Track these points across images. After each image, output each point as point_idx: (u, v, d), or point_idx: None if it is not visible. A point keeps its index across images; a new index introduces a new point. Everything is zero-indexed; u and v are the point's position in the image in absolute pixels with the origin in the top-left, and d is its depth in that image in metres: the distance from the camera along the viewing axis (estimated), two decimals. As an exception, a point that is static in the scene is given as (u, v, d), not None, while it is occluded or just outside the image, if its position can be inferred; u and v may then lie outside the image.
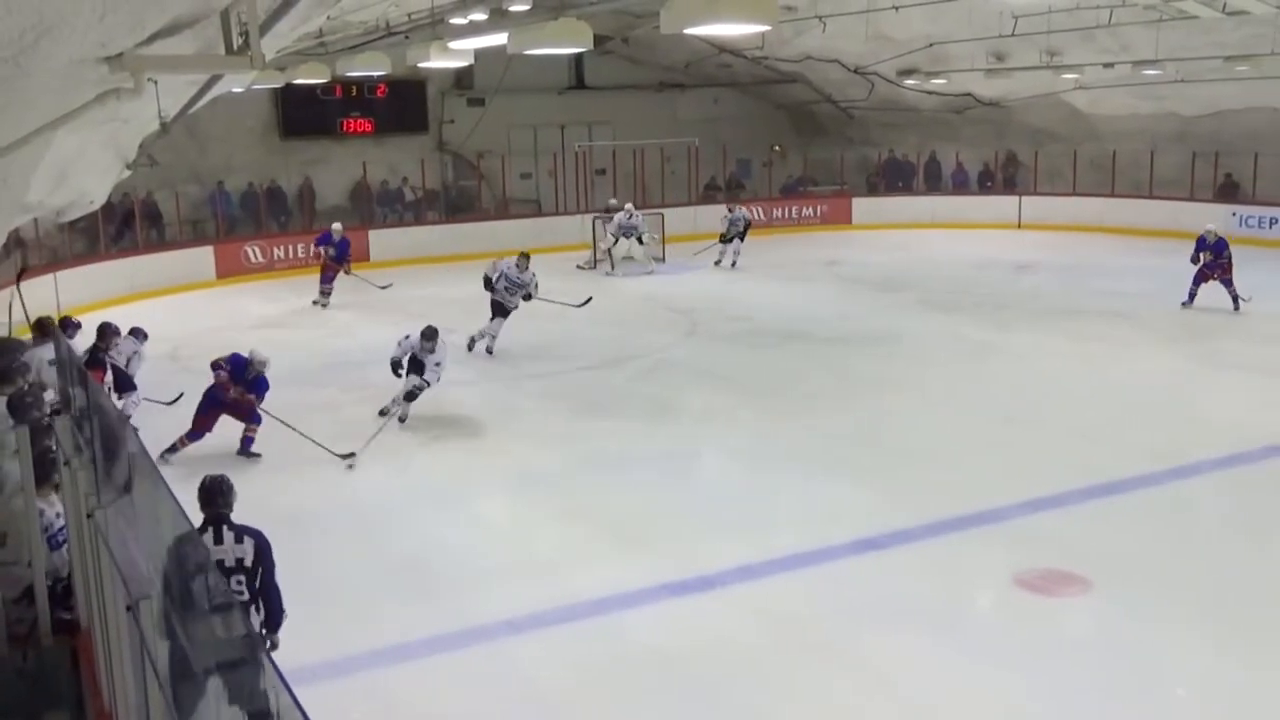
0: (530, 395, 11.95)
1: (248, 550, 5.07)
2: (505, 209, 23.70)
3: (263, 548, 5.12)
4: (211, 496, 5.13)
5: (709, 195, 24.56)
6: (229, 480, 5.22)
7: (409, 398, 10.36)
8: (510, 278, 13.14)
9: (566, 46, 9.43)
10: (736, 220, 19.72)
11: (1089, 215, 22.75)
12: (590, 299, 14.31)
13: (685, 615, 6.82)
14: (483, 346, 13.27)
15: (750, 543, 7.77)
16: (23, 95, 4.54)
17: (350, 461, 9.58)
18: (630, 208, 19.49)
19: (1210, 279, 14.99)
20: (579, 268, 19.71)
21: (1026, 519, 8.17)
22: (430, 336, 10.33)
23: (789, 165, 26.96)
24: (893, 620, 6.64)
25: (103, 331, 10.32)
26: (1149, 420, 10.54)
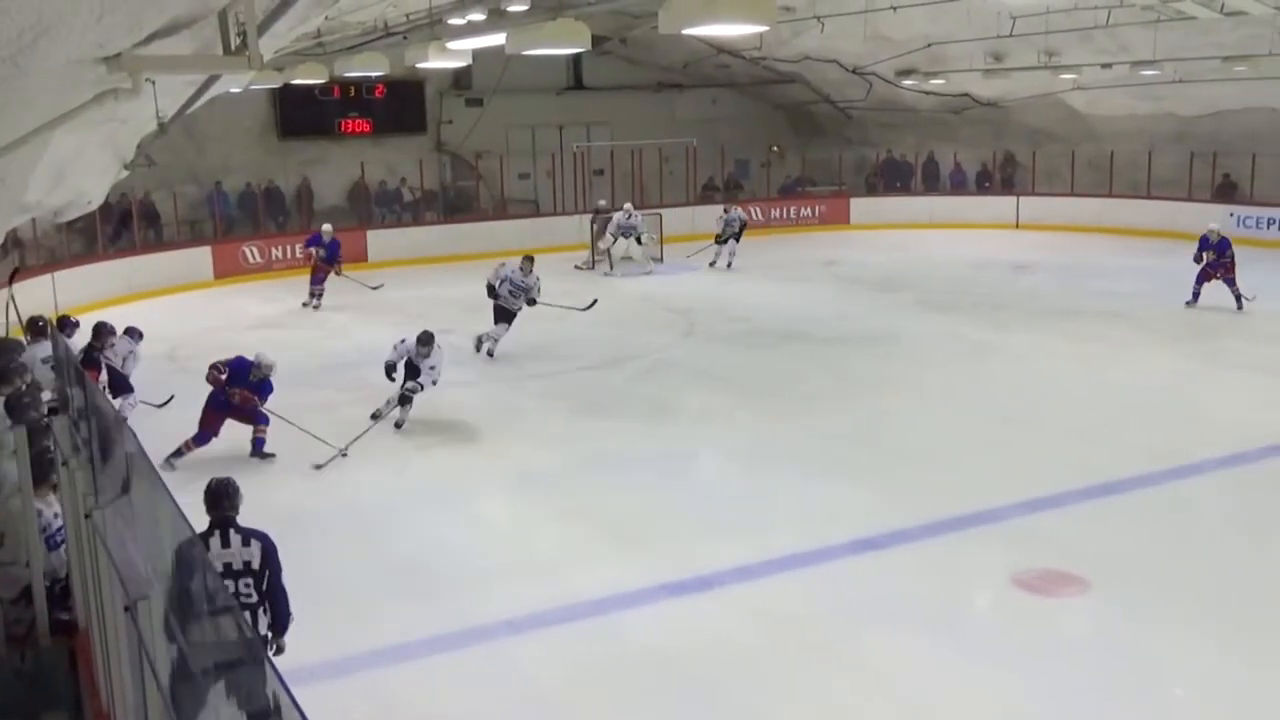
0: (530, 395, 11.95)
1: (255, 553, 5.05)
2: (503, 209, 23.69)
3: (269, 550, 5.10)
4: (218, 499, 5.10)
5: (707, 195, 24.53)
6: (235, 483, 5.20)
7: (403, 401, 10.28)
8: (514, 281, 13.08)
9: (564, 47, 9.45)
10: (732, 221, 19.69)
11: (1087, 215, 22.75)
12: (595, 302, 14.26)
13: (684, 615, 6.83)
14: (495, 347, 13.18)
15: (748, 543, 7.77)
16: (21, 95, 4.54)
17: (344, 450, 9.67)
18: (629, 207, 19.49)
19: (1213, 278, 15.01)
20: (577, 268, 19.71)
21: (1025, 519, 8.17)
22: (426, 341, 10.24)
23: (787, 165, 26.96)
24: (891, 620, 6.64)
25: (98, 331, 10.33)
26: (1147, 420, 10.54)
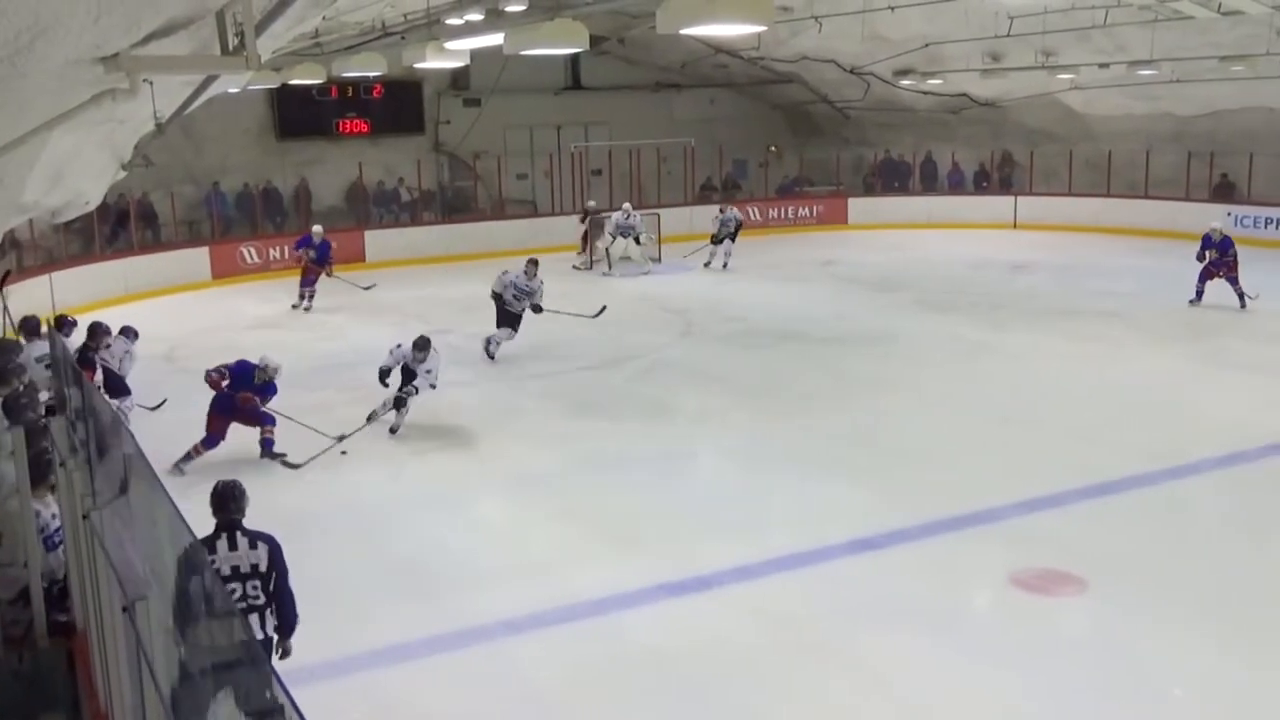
0: (528, 395, 11.94)
1: (262, 555, 5.01)
2: (501, 210, 23.69)
3: (276, 552, 5.05)
4: (224, 502, 5.06)
5: (705, 195, 24.52)
6: (241, 485, 5.15)
7: (397, 404, 10.18)
8: (519, 286, 13.02)
9: (562, 47, 9.46)
10: (728, 221, 19.66)
11: (1085, 215, 22.76)
12: (604, 309, 14.16)
13: (682, 615, 6.83)
14: (497, 350, 13.09)
15: (747, 543, 7.77)
16: (18, 96, 4.54)
17: (340, 439, 9.80)
18: (628, 207, 19.50)
19: (1216, 276, 15.06)
20: (575, 268, 19.71)
21: (1023, 519, 8.18)
22: (422, 346, 10.14)
23: (785, 165, 26.95)
24: (889, 620, 6.64)
25: (93, 331, 10.30)
26: (1146, 420, 10.55)
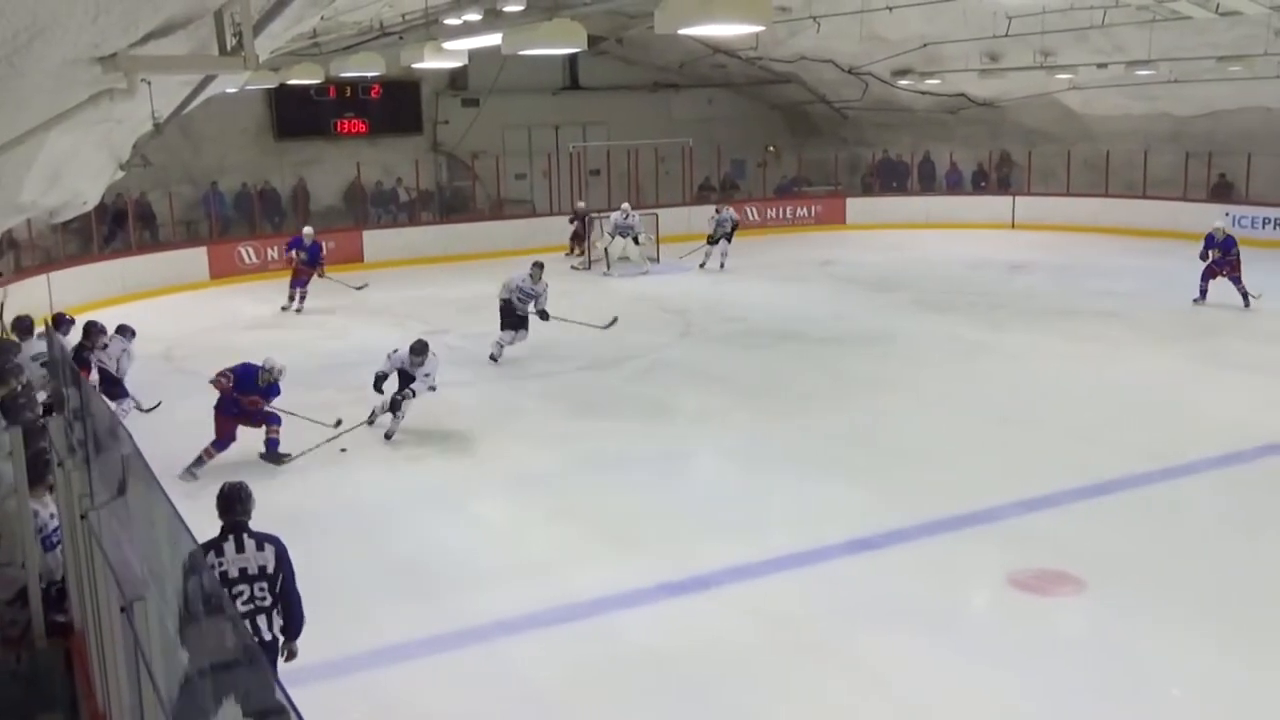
0: (527, 395, 11.94)
1: (269, 557, 4.99)
2: (500, 210, 23.69)
3: (282, 554, 5.04)
4: (231, 504, 5.04)
5: (703, 196, 24.52)
6: (248, 487, 5.13)
7: (393, 407, 10.08)
8: (524, 289, 12.97)
9: (561, 47, 9.45)
10: (724, 221, 19.65)
11: (1083, 215, 22.78)
12: (615, 320, 13.99)
13: (680, 615, 6.83)
14: (500, 353, 13.05)
15: (745, 543, 7.77)
16: (16, 96, 4.54)
17: (338, 426, 9.96)
18: (627, 207, 19.50)
19: (1219, 275, 15.10)
20: (573, 269, 19.72)
21: (1021, 519, 8.18)
22: (419, 351, 10.02)
23: (783, 165, 26.95)
24: (887, 620, 6.64)
25: (88, 330, 10.24)
26: (1144, 420, 10.55)
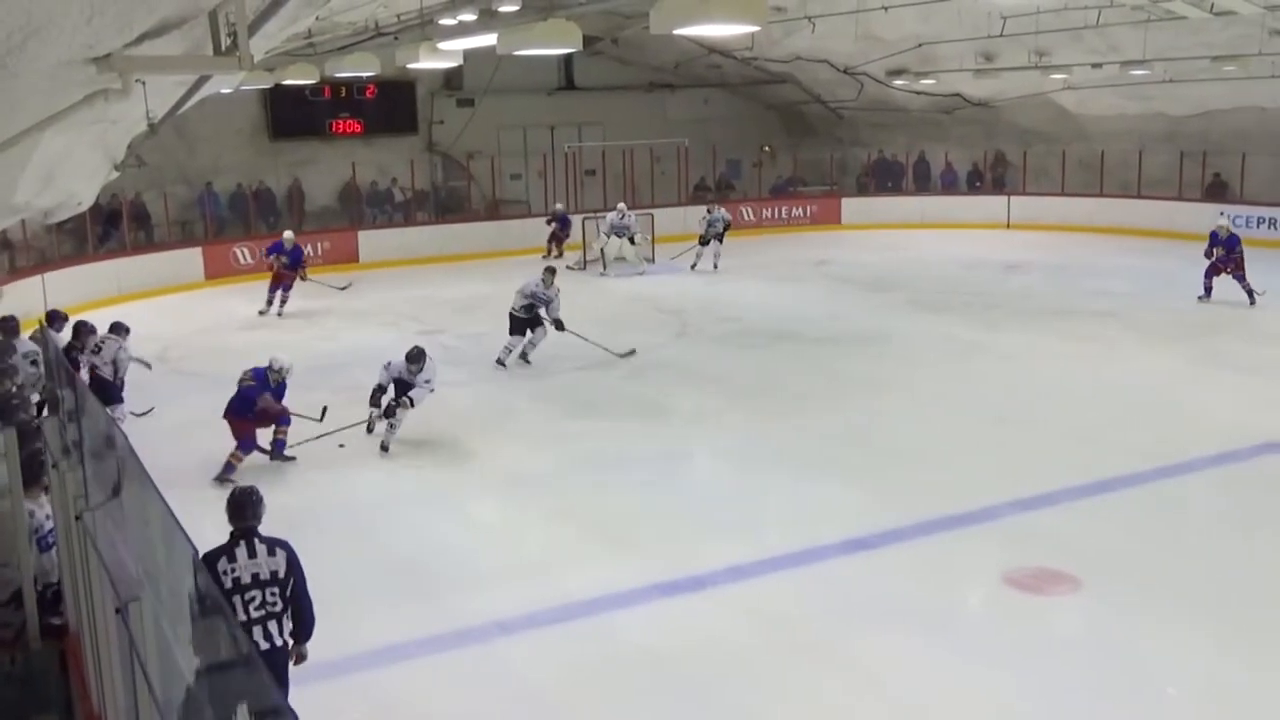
0: (523, 396, 11.94)
1: (280, 562, 4.95)
2: (495, 210, 23.68)
3: (293, 558, 5.00)
4: (241, 509, 4.99)
5: (699, 196, 24.50)
6: (258, 492, 5.08)
7: (388, 414, 9.93)
8: (537, 295, 12.89)
9: (556, 47, 9.44)
10: (715, 221, 19.59)
11: (1078, 215, 22.81)
12: (634, 351, 13.47)
13: (676, 615, 6.83)
14: (508, 359, 12.95)
15: (741, 543, 7.78)
16: (10, 96, 4.53)
17: (323, 420, 10.03)
18: (623, 207, 19.50)
19: (1223, 273, 15.17)
20: (570, 269, 19.69)
21: (1017, 518, 8.19)
22: (416, 358, 9.86)
23: (779, 166, 26.97)
24: (883, 620, 6.65)
25: (78, 330, 10.04)
26: (1140, 419, 10.56)
